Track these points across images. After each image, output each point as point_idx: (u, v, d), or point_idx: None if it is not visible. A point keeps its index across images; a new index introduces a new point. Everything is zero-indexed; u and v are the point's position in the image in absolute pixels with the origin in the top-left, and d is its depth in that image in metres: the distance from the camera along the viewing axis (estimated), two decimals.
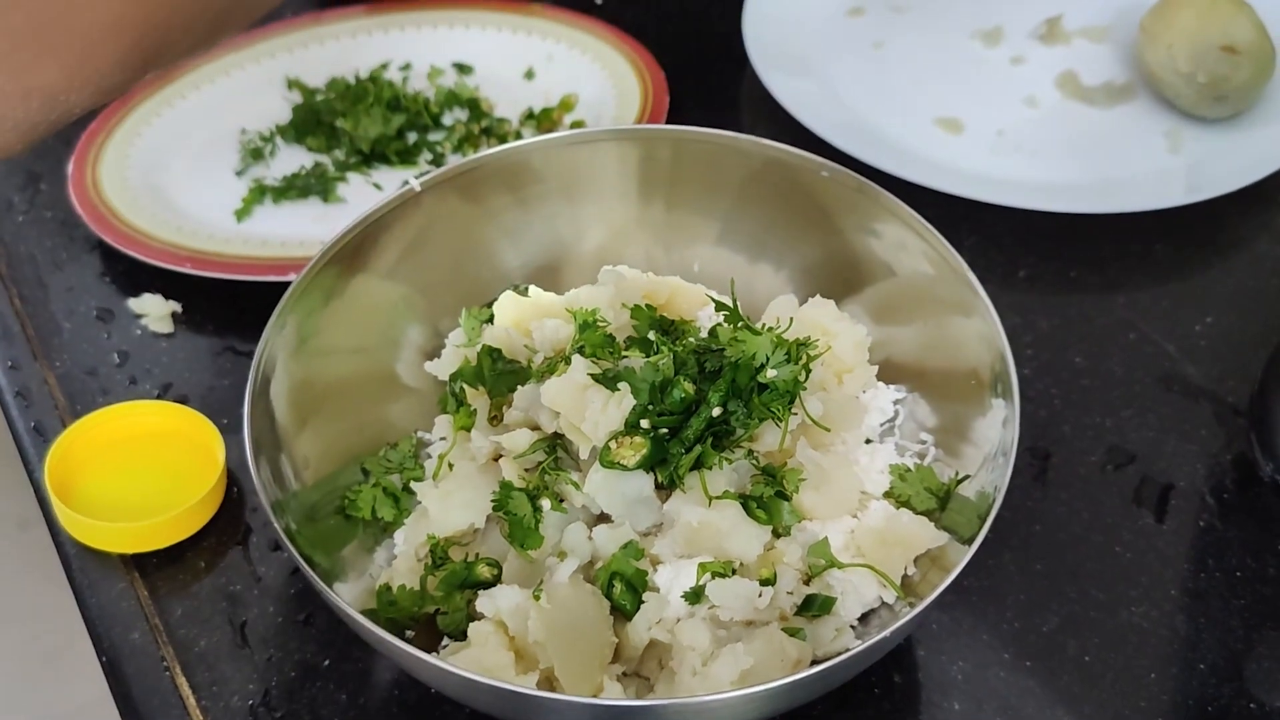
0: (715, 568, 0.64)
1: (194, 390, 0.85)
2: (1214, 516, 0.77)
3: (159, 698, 0.70)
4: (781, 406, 0.66)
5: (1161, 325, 0.88)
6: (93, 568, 0.76)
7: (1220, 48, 0.97)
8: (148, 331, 0.88)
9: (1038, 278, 0.92)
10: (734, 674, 0.61)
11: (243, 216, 0.95)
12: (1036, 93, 1.05)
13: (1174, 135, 1.00)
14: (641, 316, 0.71)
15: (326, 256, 0.73)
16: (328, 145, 1.00)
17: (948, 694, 0.70)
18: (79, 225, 0.94)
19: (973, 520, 0.65)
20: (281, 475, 0.67)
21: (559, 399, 0.66)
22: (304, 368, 0.71)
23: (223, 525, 0.77)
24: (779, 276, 0.80)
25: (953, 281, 0.72)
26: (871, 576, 0.66)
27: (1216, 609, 0.73)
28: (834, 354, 0.72)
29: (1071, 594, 0.74)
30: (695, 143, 0.79)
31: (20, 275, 0.92)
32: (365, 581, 0.69)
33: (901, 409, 0.75)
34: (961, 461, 0.71)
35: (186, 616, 0.73)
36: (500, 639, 0.63)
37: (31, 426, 0.83)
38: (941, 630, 0.72)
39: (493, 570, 0.67)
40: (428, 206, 0.77)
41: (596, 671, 0.63)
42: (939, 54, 1.09)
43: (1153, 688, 0.70)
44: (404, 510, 0.72)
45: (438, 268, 0.78)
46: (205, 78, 1.04)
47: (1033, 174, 0.98)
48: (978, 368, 0.70)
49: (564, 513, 0.67)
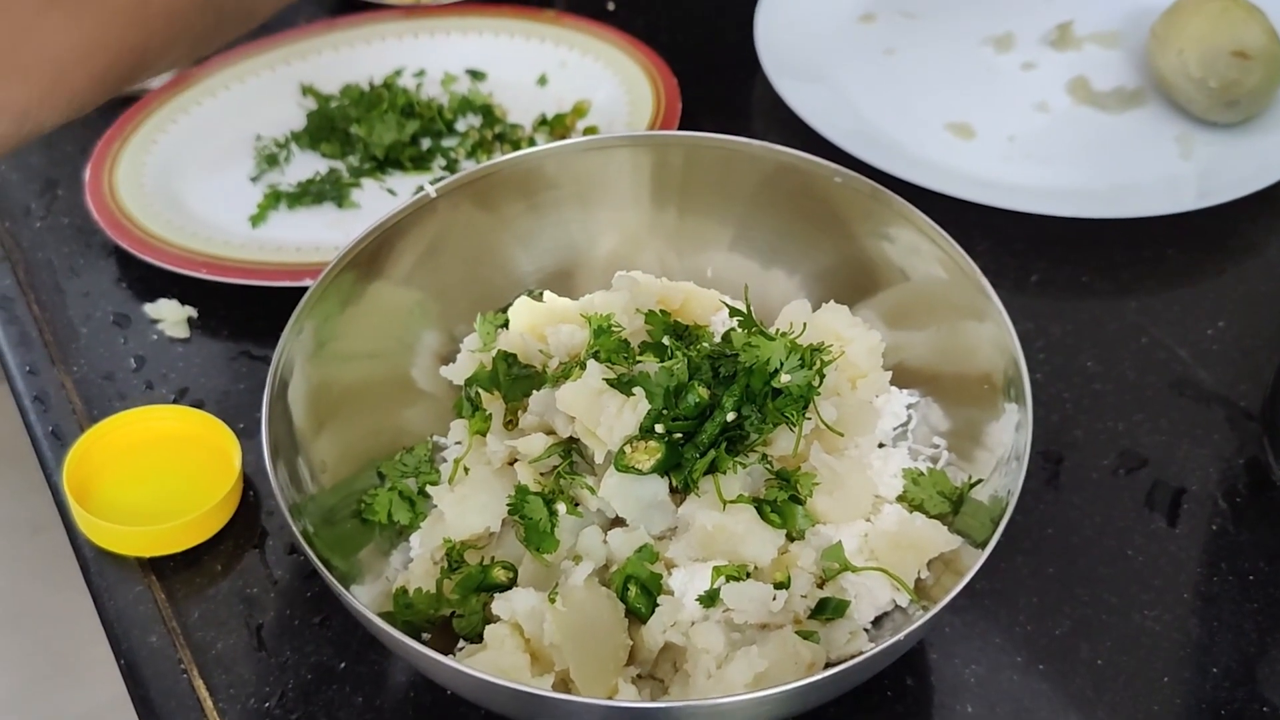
0: (730, 571, 0.64)
1: (210, 395, 0.85)
2: (1226, 520, 0.78)
3: (176, 699, 0.70)
4: (795, 411, 0.66)
5: (1173, 330, 0.88)
6: (111, 571, 0.76)
7: (1231, 53, 0.97)
8: (164, 336, 0.89)
9: (1050, 283, 0.92)
10: (748, 677, 0.61)
11: (258, 222, 0.96)
12: (1048, 98, 1.06)
13: (1185, 140, 1.01)
14: (656, 322, 0.71)
15: (343, 262, 0.73)
16: (342, 151, 1.01)
17: (960, 697, 0.70)
18: (96, 231, 0.95)
19: (986, 524, 0.65)
20: (299, 478, 0.68)
21: (574, 404, 0.66)
22: (321, 372, 0.72)
23: (239, 529, 0.78)
24: (792, 282, 0.80)
25: (965, 287, 0.72)
26: (885, 580, 0.66)
27: (1229, 612, 0.73)
28: (847, 359, 0.72)
29: (1084, 597, 0.74)
30: (708, 148, 0.80)
31: (38, 281, 0.93)
32: (381, 584, 0.69)
33: (915, 413, 0.75)
34: (974, 465, 0.71)
35: (204, 619, 0.74)
36: (516, 641, 0.63)
37: (49, 431, 0.84)
38: (954, 633, 0.72)
39: (508, 573, 0.68)
40: (443, 213, 0.77)
41: (611, 674, 0.63)
42: (950, 60, 1.09)
43: (1165, 691, 0.70)
44: (420, 514, 0.72)
45: (453, 273, 0.79)
46: (220, 84, 1.04)
47: (1044, 179, 0.98)
48: (990, 372, 0.71)
49: (579, 516, 0.67)
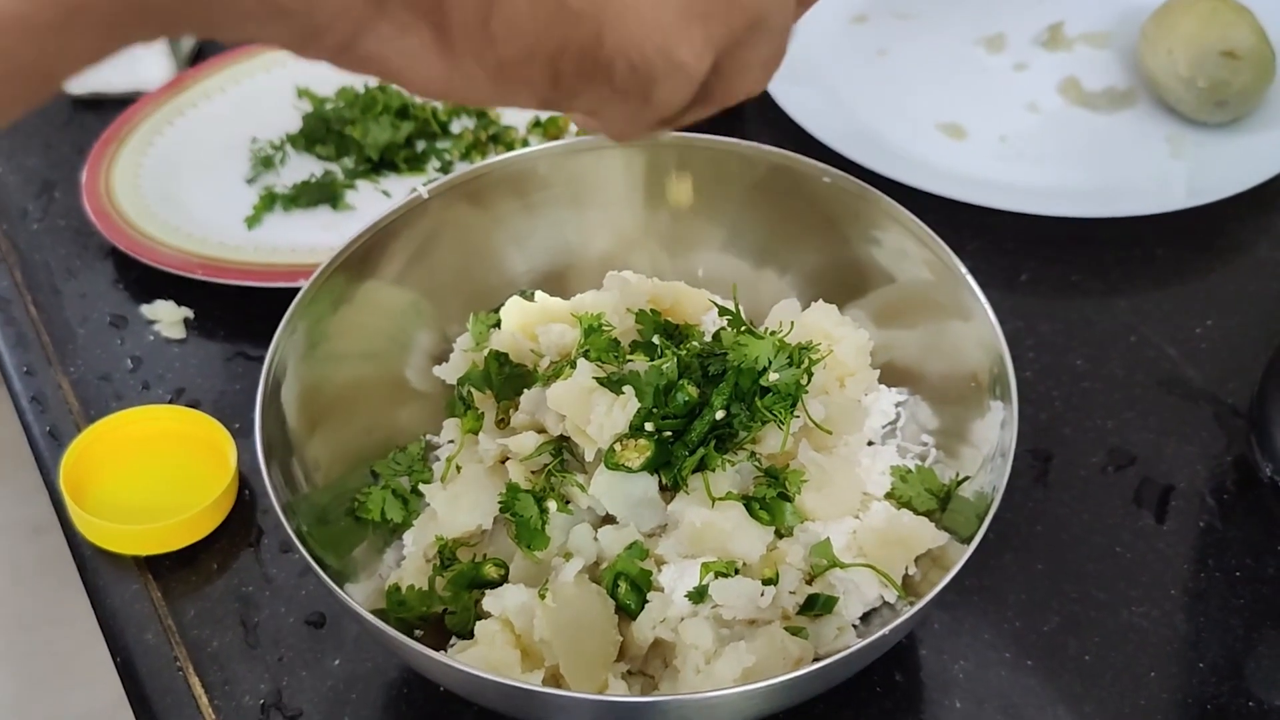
0: (718, 567, 0.65)
1: (206, 395, 0.86)
2: (1214, 517, 0.78)
3: (172, 697, 0.71)
4: (784, 409, 0.67)
5: (1162, 328, 0.88)
6: (107, 570, 0.77)
7: (1220, 53, 0.97)
8: (160, 337, 0.89)
9: (1040, 281, 0.92)
10: (736, 671, 0.62)
11: (253, 224, 0.96)
12: (1039, 98, 1.06)
13: (1175, 140, 1.01)
14: (646, 321, 0.72)
15: (336, 263, 0.74)
16: (337, 153, 1.01)
17: (949, 692, 0.71)
18: (92, 233, 0.95)
19: (972, 520, 0.66)
20: (293, 478, 0.68)
21: (565, 402, 0.67)
22: (314, 372, 0.72)
23: (234, 528, 0.78)
24: (783, 282, 0.81)
25: (952, 286, 0.72)
26: (873, 576, 0.67)
27: (1216, 608, 0.74)
28: (836, 358, 0.73)
29: (1072, 594, 0.74)
30: (699, 149, 0.80)
31: (35, 282, 0.94)
32: (375, 582, 0.70)
33: (903, 411, 0.76)
34: (961, 463, 0.71)
35: (199, 617, 0.74)
36: (507, 637, 0.64)
37: (46, 431, 0.84)
38: (943, 629, 0.73)
39: (500, 570, 0.68)
40: (436, 213, 0.78)
41: (601, 669, 0.63)
42: (942, 60, 1.10)
43: (1153, 686, 0.71)
44: (413, 512, 0.73)
45: (445, 274, 0.79)
46: (216, 87, 1.05)
47: (1035, 179, 0.99)
48: (977, 371, 0.71)
49: (570, 514, 0.68)
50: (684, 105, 0.45)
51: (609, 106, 0.44)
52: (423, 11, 0.39)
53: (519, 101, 0.42)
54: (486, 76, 0.40)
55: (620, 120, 0.46)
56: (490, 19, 0.39)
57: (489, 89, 0.41)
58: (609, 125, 0.47)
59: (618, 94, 0.43)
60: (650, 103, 0.44)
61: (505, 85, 0.41)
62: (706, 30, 0.43)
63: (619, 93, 0.43)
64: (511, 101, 0.42)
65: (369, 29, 0.38)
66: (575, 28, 0.40)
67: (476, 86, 0.41)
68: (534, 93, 0.42)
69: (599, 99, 0.43)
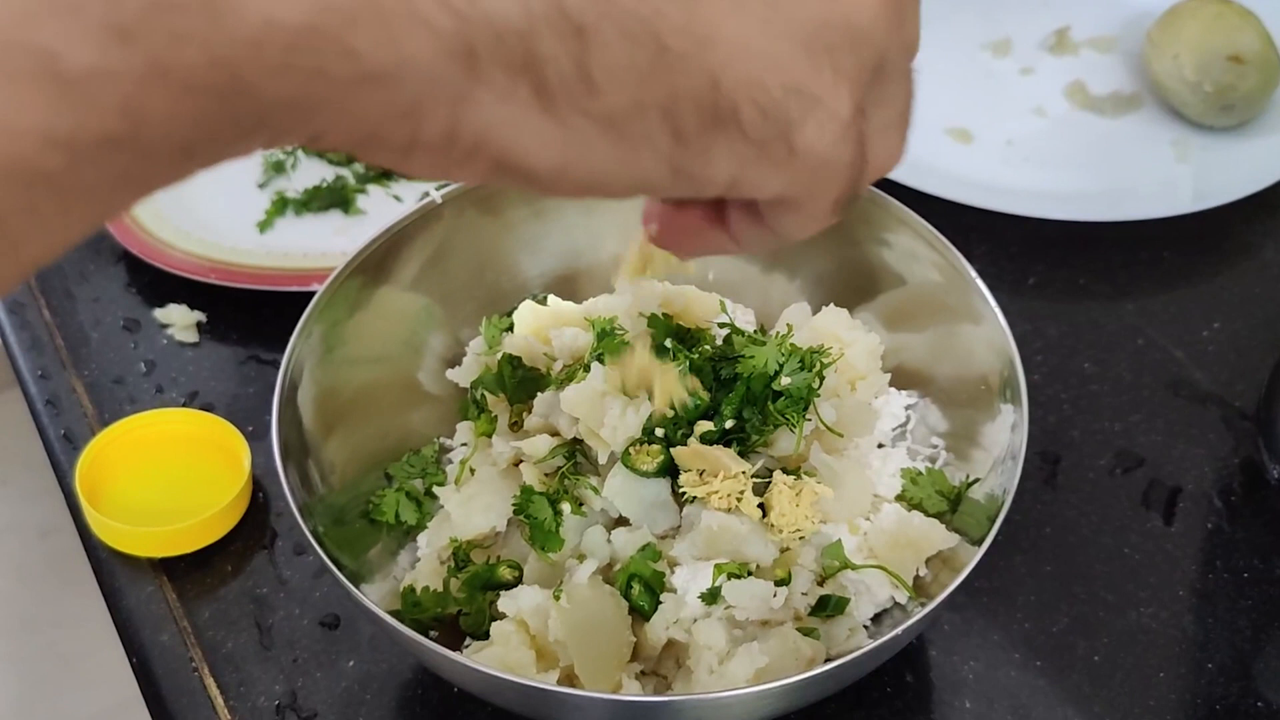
0: (731, 569, 0.65)
1: (219, 398, 0.86)
2: (1222, 519, 0.79)
3: (188, 698, 0.72)
4: (795, 413, 0.67)
5: (1169, 331, 0.89)
6: (122, 572, 0.77)
7: (1226, 57, 0.98)
8: (173, 341, 0.90)
9: (1047, 285, 0.93)
10: (749, 672, 0.62)
11: (265, 228, 0.97)
12: (1045, 103, 1.07)
13: (1181, 144, 1.02)
14: (658, 325, 0.72)
15: (350, 267, 0.74)
16: (348, 158, 1.02)
17: (959, 693, 0.71)
18: (105, 237, 0.96)
19: (983, 522, 0.66)
20: (309, 480, 0.69)
21: (578, 405, 0.67)
22: (329, 376, 0.73)
23: (248, 530, 0.79)
24: (793, 285, 0.81)
25: (962, 290, 0.73)
26: (884, 577, 0.67)
27: (1224, 609, 0.74)
28: (847, 361, 0.73)
29: (1081, 595, 0.75)
30: None
31: (49, 286, 0.94)
32: (390, 583, 0.71)
33: (913, 414, 0.76)
34: (972, 465, 0.72)
35: (214, 619, 0.75)
36: (522, 638, 0.64)
37: (61, 434, 0.85)
38: (953, 630, 0.73)
39: (514, 572, 0.69)
40: (448, 219, 0.78)
41: (615, 669, 0.64)
42: (949, 65, 1.10)
43: (1161, 687, 0.71)
44: (427, 514, 0.73)
45: (458, 278, 0.80)
46: None
47: (1042, 183, 0.99)
48: (987, 374, 0.72)
49: (583, 516, 0.68)
50: (848, 162, 0.40)
51: (757, 171, 0.38)
52: (517, 68, 0.34)
53: (645, 167, 0.37)
54: (600, 133, 0.36)
55: (792, 208, 0.41)
56: (588, 66, 0.35)
57: (608, 151, 0.37)
58: (783, 220, 0.41)
59: (754, 145, 0.38)
60: (797, 153, 0.38)
61: (623, 145, 0.37)
62: (834, 61, 0.38)
63: (755, 144, 0.38)
64: (638, 168, 0.37)
65: (468, 99, 0.34)
66: (682, 73, 0.36)
67: (594, 149, 0.36)
68: (658, 153, 0.37)
69: (739, 160, 0.38)
